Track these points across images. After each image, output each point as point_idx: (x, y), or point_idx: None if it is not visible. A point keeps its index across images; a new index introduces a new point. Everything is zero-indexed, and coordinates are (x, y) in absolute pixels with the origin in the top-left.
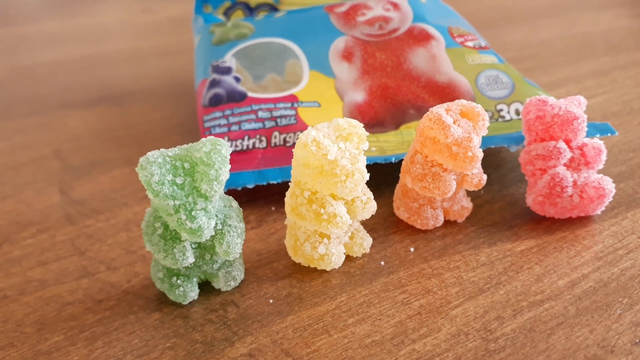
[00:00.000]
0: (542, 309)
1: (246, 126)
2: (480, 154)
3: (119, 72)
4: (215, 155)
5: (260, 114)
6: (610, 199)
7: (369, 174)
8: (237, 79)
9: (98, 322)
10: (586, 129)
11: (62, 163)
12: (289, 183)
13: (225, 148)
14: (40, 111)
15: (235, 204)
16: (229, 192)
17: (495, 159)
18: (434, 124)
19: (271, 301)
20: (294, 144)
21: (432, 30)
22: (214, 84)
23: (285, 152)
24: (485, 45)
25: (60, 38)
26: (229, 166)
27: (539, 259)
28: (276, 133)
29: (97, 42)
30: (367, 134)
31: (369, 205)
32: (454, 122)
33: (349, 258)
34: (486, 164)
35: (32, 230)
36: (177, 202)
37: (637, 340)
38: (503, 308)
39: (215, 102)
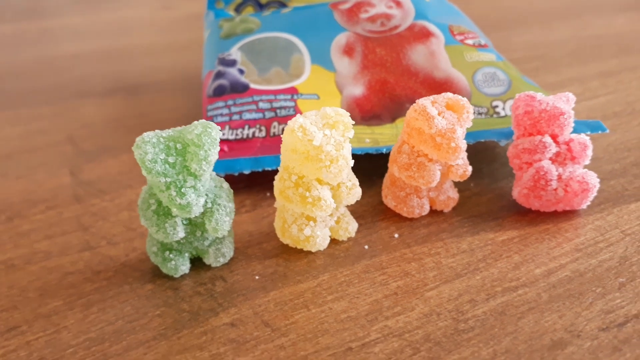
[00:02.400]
0: (516, 294)
1: (247, 116)
2: (463, 145)
3: (135, 65)
4: (206, 137)
5: (260, 104)
6: (595, 194)
7: (357, 162)
8: (241, 71)
9: (95, 291)
10: (573, 124)
11: (75, 148)
12: (279, 168)
13: (215, 131)
14: (58, 100)
15: (225, 185)
16: (227, 177)
17: (489, 154)
18: (419, 115)
19: (257, 277)
20: None
21: (432, 27)
22: (219, 75)
23: None
24: (485, 43)
25: (83, 32)
26: (218, 148)
27: (519, 248)
28: (275, 123)
29: (117, 37)
30: (353, 122)
31: (354, 191)
32: (439, 114)
33: (334, 241)
34: (479, 159)
35: (41, 207)
36: (169, 180)
37: (605, 327)
38: (477, 292)
39: (219, 92)
